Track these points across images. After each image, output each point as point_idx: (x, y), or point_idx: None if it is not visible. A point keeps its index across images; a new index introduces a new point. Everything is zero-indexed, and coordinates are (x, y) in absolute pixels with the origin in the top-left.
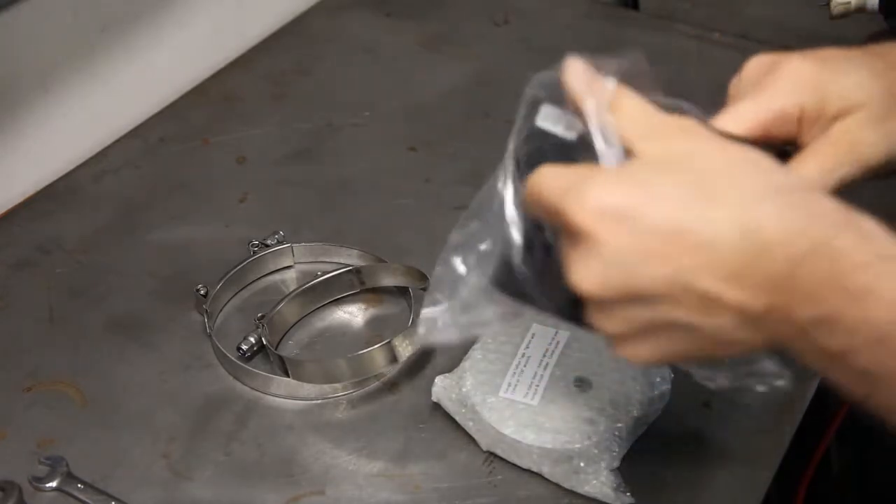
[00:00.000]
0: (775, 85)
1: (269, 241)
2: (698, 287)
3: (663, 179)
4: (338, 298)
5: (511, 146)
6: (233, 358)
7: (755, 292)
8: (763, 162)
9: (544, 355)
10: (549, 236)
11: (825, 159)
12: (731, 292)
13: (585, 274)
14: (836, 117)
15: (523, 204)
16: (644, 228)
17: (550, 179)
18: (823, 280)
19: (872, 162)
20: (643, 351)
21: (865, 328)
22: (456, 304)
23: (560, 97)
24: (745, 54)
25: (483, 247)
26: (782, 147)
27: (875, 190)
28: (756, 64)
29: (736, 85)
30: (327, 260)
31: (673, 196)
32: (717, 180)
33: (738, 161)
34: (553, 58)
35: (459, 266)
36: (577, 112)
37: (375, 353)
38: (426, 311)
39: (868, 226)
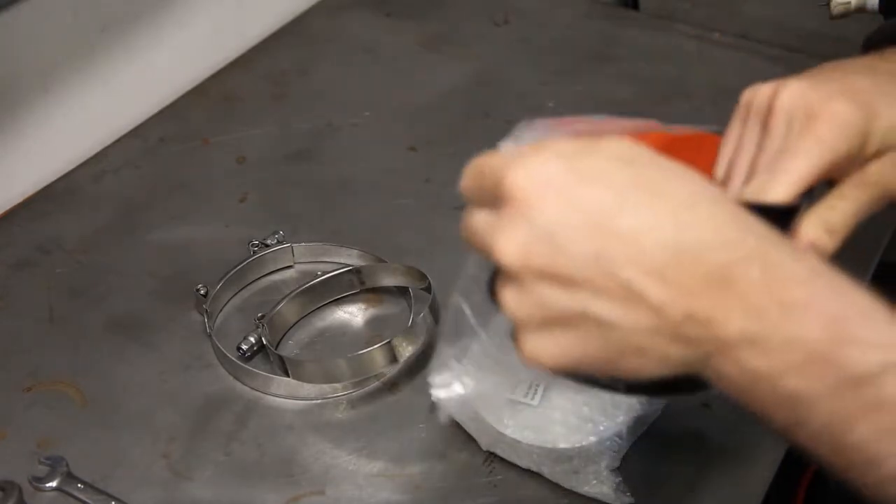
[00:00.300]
0: (821, 135)
1: (269, 241)
2: (621, 275)
3: (608, 166)
4: (338, 298)
5: None
6: (233, 358)
7: (678, 294)
8: (698, 176)
9: None
10: None
11: (859, 202)
12: (653, 288)
13: (509, 242)
14: (874, 156)
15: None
16: (579, 205)
17: (496, 156)
18: (757, 291)
19: None
20: (548, 346)
21: (800, 346)
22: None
23: None
24: (745, 54)
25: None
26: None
27: None
28: (792, 100)
29: (748, 104)
30: (327, 260)
31: (615, 182)
32: (660, 179)
33: (676, 169)
34: (553, 58)
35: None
36: None
37: (375, 353)
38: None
39: (800, 247)
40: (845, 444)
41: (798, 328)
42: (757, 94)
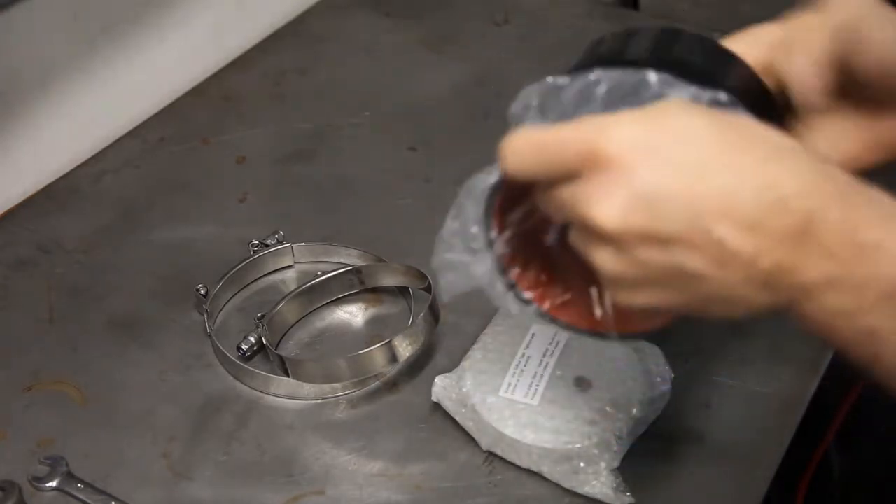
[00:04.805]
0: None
1: (269, 241)
2: (716, 233)
3: (695, 127)
4: (338, 298)
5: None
6: (233, 358)
7: (768, 246)
8: (775, 130)
9: (544, 355)
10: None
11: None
12: (746, 243)
13: (608, 207)
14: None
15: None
16: (673, 164)
17: (559, 130)
18: (835, 234)
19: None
20: (641, 297)
21: (875, 284)
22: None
23: None
24: None
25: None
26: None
27: None
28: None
29: None
30: (327, 260)
31: (704, 141)
32: (742, 135)
33: (754, 125)
34: (553, 58)
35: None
36: None
37: (375, 353)
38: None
39: (875, 191)
40: None
41: (874, 267)
42: None
